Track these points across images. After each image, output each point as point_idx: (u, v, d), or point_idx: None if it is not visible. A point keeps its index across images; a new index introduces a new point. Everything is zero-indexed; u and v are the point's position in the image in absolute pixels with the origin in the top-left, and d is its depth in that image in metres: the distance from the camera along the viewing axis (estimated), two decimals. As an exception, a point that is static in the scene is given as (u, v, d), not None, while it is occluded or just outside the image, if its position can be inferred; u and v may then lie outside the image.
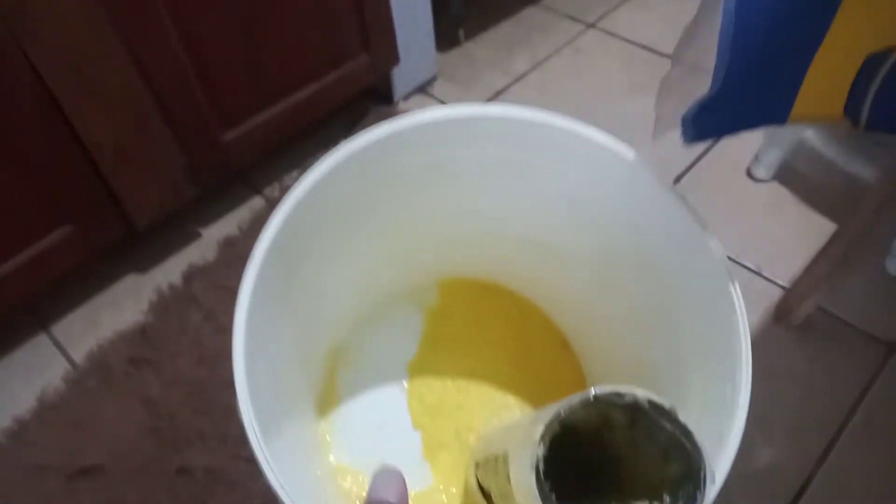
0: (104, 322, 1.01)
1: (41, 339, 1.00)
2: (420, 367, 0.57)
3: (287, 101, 1.05)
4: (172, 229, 1.10)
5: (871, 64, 0.32)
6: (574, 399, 0.32)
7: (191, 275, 1.04)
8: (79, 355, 0.97)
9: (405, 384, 0.57)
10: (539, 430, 0.31)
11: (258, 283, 0.40)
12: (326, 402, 0.55)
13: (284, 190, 1.15)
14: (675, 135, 0.41)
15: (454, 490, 0.51)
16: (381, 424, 0.54)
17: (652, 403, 0.32)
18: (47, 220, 0.89)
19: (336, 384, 0.56)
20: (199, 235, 1.11)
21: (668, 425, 0.32)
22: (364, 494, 0.37)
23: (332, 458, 0.52)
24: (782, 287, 0.97)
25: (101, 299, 1.04)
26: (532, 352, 0.57)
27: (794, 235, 1.03)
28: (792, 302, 0.92)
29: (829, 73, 0.32)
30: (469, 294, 0.60)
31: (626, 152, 0.44)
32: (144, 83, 0.86)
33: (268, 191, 1.16)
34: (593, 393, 0.32)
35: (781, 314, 0.94)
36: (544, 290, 0.58)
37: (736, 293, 0.39)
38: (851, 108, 0.34)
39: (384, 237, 0.52)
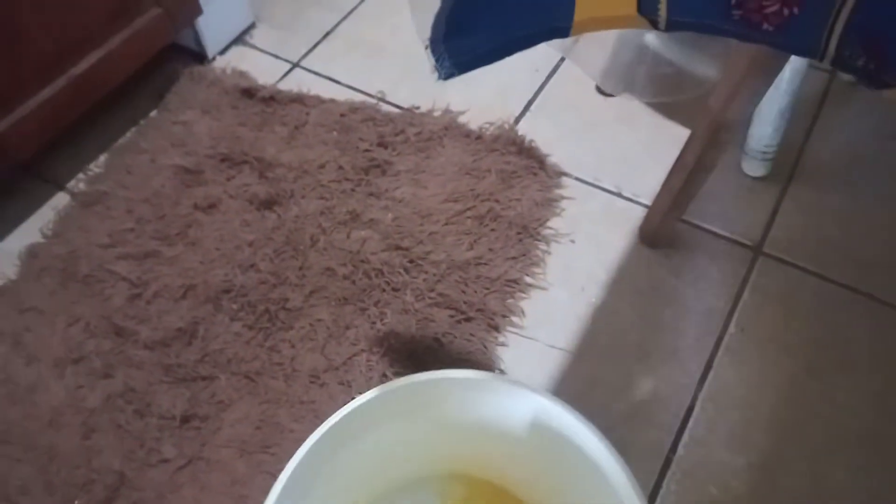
0: None
1: None
2: None
3: (65, 76, 0.88)
4: (-42, 248, 0.93)
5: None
6: None
7: (-12, 299, 0.88)
8: None
9: None
10: None
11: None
12: None
13: (91, 180, 1.00)
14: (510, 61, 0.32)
15: None
16: None
17: None
18: None
19: None
20: (-8, 250, 0.94)
21: None
22: None
23: None
24: (644, 205, 0.93)
25: None
26: None
27: (650, 149, 0.99)
28: (654, 219, 0.88)
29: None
30: (487, 495, 0.69)
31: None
32: None
33: (72, 184, 0.99)
34: None
35: (646, 234, 0.90)
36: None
37: None
38: (646, 5, 0.26)
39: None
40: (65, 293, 0.87)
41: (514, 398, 0.60)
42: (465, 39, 0.25)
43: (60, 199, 0.98)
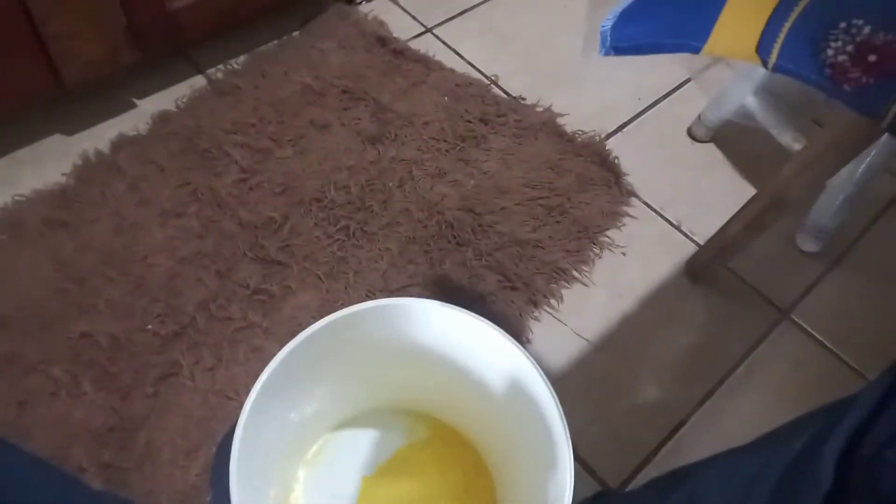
0: (23, 179, 0.97)
1: (-47, 186, 0.96)
2: (384, 472, 0.75)
3: (243, -21, 1.01)
4: (107, 95, 1.06)
5: (782, 7, 0.33)
6: None
7: (120, 144, 1.01)
8: (-8, 208, 0.94)
9: (369, 476, 0.74)
10: None
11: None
12: (312, 461, 0.74)
13: (229, 73, 1.12)
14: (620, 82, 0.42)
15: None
16: (336, 497, 0.73)
17: None
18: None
19: (323, 451, 0.75)
20: (133, 105, 1.07)
21: None
22: None
23: (290, 500, 0.72)
24: (697, 244, 1.02)
25: (23, 155, 1.01)
26: (470, 502, 0.75)
27: (719, 197, 1.07)
28: (703, 257, 0.97)
29: (745, 9, 0.33)
30: (448, 440, 0.77)
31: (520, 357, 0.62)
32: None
33: (211, 71, 1.13)
34: None
35: (691, 268, 0.98)
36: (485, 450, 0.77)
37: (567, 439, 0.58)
38: (763, 47, 0.35)
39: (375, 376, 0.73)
40: (184, 158, 1.00)
41: (484, 338, 0.64)
42: (628, 30, 0.35)
43: (198, 81, 1.12)
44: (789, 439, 0.45)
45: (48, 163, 0.99)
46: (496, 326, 0.63)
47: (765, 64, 0.36)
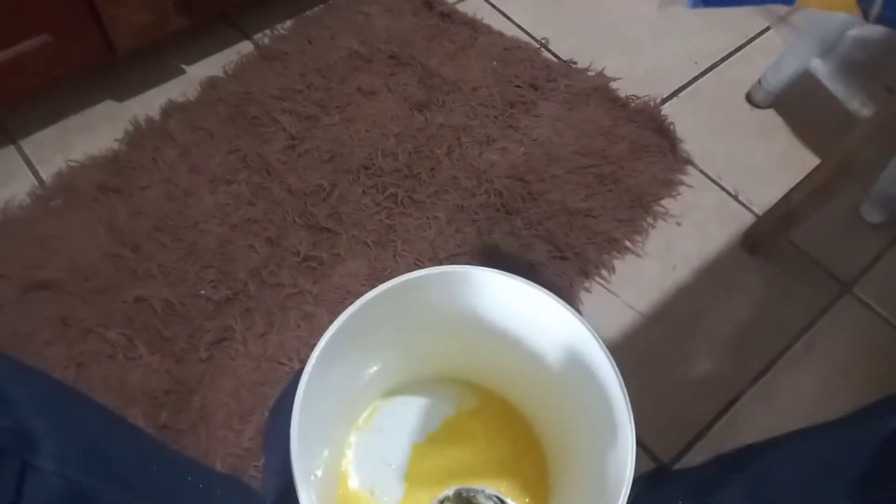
0: (76, 145, 0.98)
1: (9, 153, 0.98)
2: (433, 440, 0.74)
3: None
4: (156, 62, 1.06)
5: (891, -46, 0.30)
6: (451, 489, 0.67)
7: (169, 110, 1.02)
8: (47, 174, 0.95)
9: (418, 444, 0.74)
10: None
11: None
12: (363, 427, 0.74)
13: (276, 39, 1.11)
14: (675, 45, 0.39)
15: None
16: (387, 463, 0.72)
17: (496, 496, 0.66)
18: (25, 25, 0.85)
19: (374, 417, 0.75)
20: (182, 72, 1.07)
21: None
22: None
23: (342, 464, 0.72)
24: (755, 214, 0.98)
25: (75, 122, 1.02)
26: (520, 472, 0.73)
27: (779, 165, 1.03)
28: (762, 227, 0.93)
29: (847, -42, 0.31)
30: (497, 410, 0.76)
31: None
32: None
33: (258, 37, 1.12)
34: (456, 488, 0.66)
35: (749, 239, 0.95)
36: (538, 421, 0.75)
37: (630, 421, 0.56)
38: None
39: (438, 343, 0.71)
40: (232, 125, 1.00)
41: (544, 308, 0.62)
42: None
43: (245, 47, 1.11)
44: (881, 417, 0.43)
45: (100, 129, 1.00)
46: (556, 297, 0.62)
47: (866, 15, 0.33)
